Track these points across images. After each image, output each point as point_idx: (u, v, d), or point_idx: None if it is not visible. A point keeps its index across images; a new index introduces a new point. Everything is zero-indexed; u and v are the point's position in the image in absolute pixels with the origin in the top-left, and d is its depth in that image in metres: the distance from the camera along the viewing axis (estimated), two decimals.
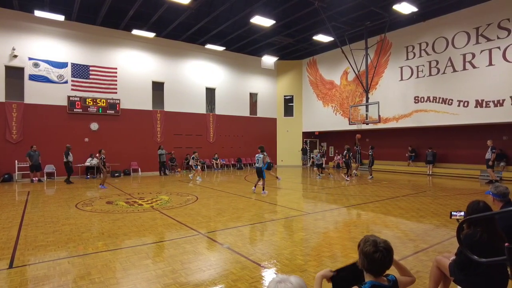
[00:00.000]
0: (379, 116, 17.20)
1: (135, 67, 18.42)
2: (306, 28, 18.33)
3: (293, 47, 22.01)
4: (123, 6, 15.27)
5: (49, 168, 15.71)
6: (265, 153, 11.24)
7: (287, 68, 24.96)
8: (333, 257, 4.75)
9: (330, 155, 25.23)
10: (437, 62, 16.64)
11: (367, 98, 18.26)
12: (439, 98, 16.56)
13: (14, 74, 15.34)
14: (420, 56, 17.43)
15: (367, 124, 18.27)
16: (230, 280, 3.93)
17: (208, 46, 19.49)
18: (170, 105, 19.61)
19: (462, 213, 3.07)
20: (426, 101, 17.11)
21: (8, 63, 15.10)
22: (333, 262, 4.54)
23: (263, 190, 10.91)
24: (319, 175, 16.29)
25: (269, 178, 13.61)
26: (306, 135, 25.19)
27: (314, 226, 6.61)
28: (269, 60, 22.70)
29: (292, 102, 25.18)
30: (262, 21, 15.44)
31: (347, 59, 18.33)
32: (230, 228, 6.44)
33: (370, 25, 17.45)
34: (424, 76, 17.26)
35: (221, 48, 20.01)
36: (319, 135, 25.35)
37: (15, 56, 15.14)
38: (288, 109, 25.27)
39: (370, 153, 16.50)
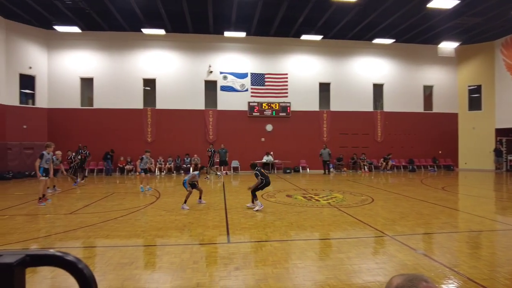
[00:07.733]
0: None
1: (303, 70, 19.46)
2: (500, 2, 14.87)
3: (480, 28, 18.25)
4: (293, 14, 16.34)
5: (234, 163, 18.53)
6: None
7: (472, 53, 20.93)
8: None
9: None
10: None
11: None
12: None
13: (210, 87, 18.87)
14: None
15: None
16: None
17: (376, 40, 18.57)
18: (336, 105, 19.77)
19: None
20: None
21: (206, 78, 18.70)
22: None
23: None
24: None
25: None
26: (500, 132, 20.45)
27: None
28: (447, 46, 19.71)
29: (479, 93, 20.97)
30: (441, 3, 13.55)
31: None
32: (418, 234, 5.94)
33: None
34: None
35: (390, 41, 18.70)
36: None
37: (211, 72, 18.61)
38: (474, 102, 21.17)
39: None
